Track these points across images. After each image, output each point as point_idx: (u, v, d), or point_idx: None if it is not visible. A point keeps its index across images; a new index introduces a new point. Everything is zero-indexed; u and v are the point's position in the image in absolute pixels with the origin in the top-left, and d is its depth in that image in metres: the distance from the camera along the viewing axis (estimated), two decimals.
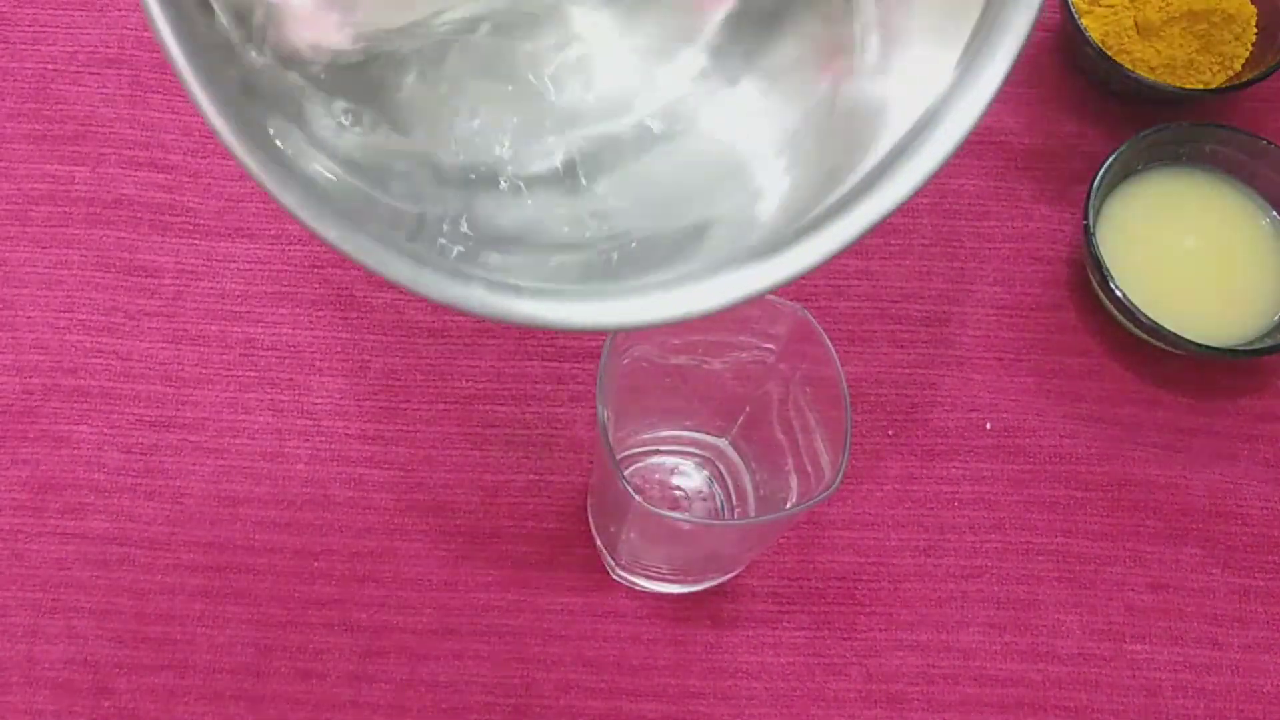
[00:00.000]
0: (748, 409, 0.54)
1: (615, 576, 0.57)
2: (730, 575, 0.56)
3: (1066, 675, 0.56)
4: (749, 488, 0.56)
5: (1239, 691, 0.56)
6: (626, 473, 0.47)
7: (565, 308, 0.35)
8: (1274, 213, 0.61)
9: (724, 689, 0.56)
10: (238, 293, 0.62)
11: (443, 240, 0.37)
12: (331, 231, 0.33)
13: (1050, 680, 0.56)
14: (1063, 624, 0.57)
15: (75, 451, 0.59)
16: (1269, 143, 0.61)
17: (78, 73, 0.66)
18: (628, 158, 0.42)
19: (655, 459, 0.58)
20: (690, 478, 0.58)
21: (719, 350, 0.51)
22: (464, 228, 0.38)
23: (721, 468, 0.57)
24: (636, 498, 0.43)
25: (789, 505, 0.50)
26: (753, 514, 0.55)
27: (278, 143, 0.34)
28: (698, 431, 0.57)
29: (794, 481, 0.51)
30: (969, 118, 0.35)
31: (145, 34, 0.66)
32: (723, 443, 0.56)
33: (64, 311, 0.61)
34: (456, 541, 0.58)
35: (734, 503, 0.56)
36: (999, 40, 0.36)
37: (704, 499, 0.57)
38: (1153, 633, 0.57)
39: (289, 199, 0.32)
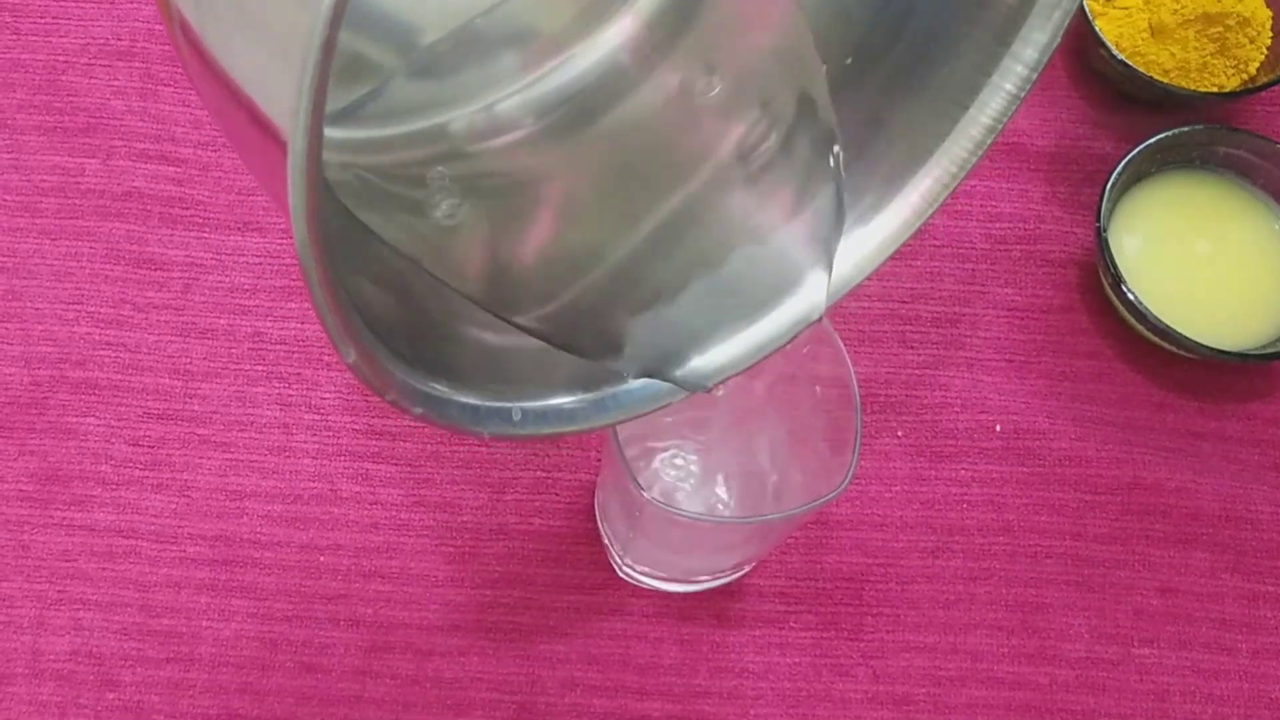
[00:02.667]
0: (758, 406, 0.53)
1: (622, 574, 0.56)
2: (737, 575, 0.56)
3: (1074, 679, 0.56)
4: (758, 486, 0.56)
5: (1247, 697, 0.56)
6: (635, 469, 0.47)
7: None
8: None
9: (730, 688, 0.55)
10: (247, 286, 0.62)
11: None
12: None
13: (1058, 684, 0.56)
14: (1071, 627, 0.57)
15: (82, 443, 0.58)
16: None
17: (89, 65, 0.66)
18: None
19: (664, 455, 0.58)
20: (698, 475, 0.57)
21: None
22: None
23: (731, 465, 0.57)
24: (645, 494, 0.43)
25: (797, 504, 0.50)
26: (761, 513, 0.55)
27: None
28: (707, 428, 0.57)
29: (802, 481, 0.51)
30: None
31: (157, 26, 0.66)
32: (732, 440, 0.56)
33: (73, 303, 0.61)
34: (463, 538, 0.57)
35: (743, 501, 0.56)
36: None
37: (713, 497, 0.57)
38: (1161, 637, 0.57)
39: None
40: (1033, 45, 0.37)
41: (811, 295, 0.40)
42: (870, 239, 0.42)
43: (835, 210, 0.41)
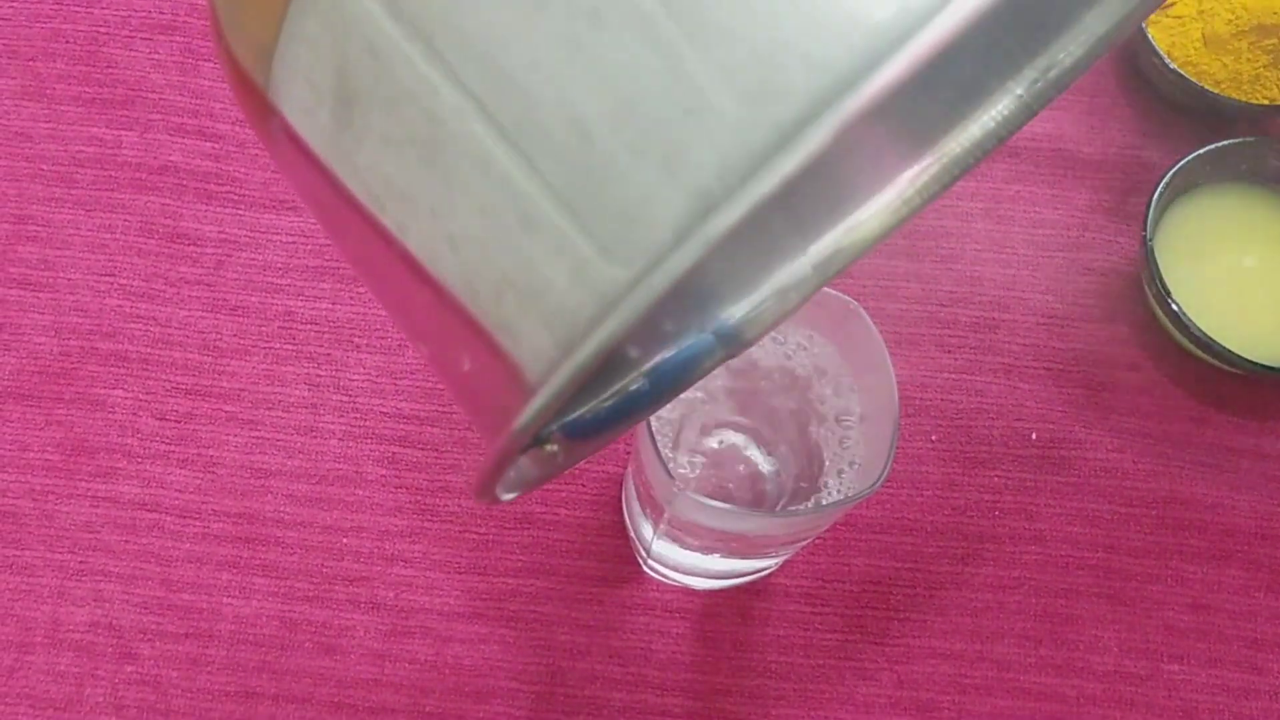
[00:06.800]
0: (793, 403, 0.53)
1: (646, 569, 0.56)
2: (762, 573, 0.55)
3: (1101, 692, 0.55)
4: (788, 483, 0.55)
5: (1277, 718, 0.55)
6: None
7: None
8: None
9: (751, 688, 0.55)
10: (279, 265, 0.61)
11: None
12: None
13: (1085, 696, 0.55)
14: (1100, 640, 0.56)
15: (109, 415, 0.58)
16: None
17: (129, 37, 0.65)
18: None
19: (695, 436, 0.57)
20: (730, 469, 0.57)
21: (767, 340, 0.50)
22: None
23: (762, 462, 0.56)
24: (675, 482, 0.43)
25: (827, 502, 0.49)
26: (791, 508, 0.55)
27: None
28: (740, 420, 0.56)
29: (834, 479, 0.50)
30: None
31: (200, 1, 0.66)
32: (766, 434, 0.56)
33: (105, 275, 0.61)
34: (487, 525, 0.57)
35: (771, 501, 0.56)
36: None
37: (741, 492, 0.56)
38: (1191, 654, 0.56)
39: None
40: (1056, 62, 0.36)
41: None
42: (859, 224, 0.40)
43: None
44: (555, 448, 0.32)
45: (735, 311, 0.40)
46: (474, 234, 0.23)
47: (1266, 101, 0.62)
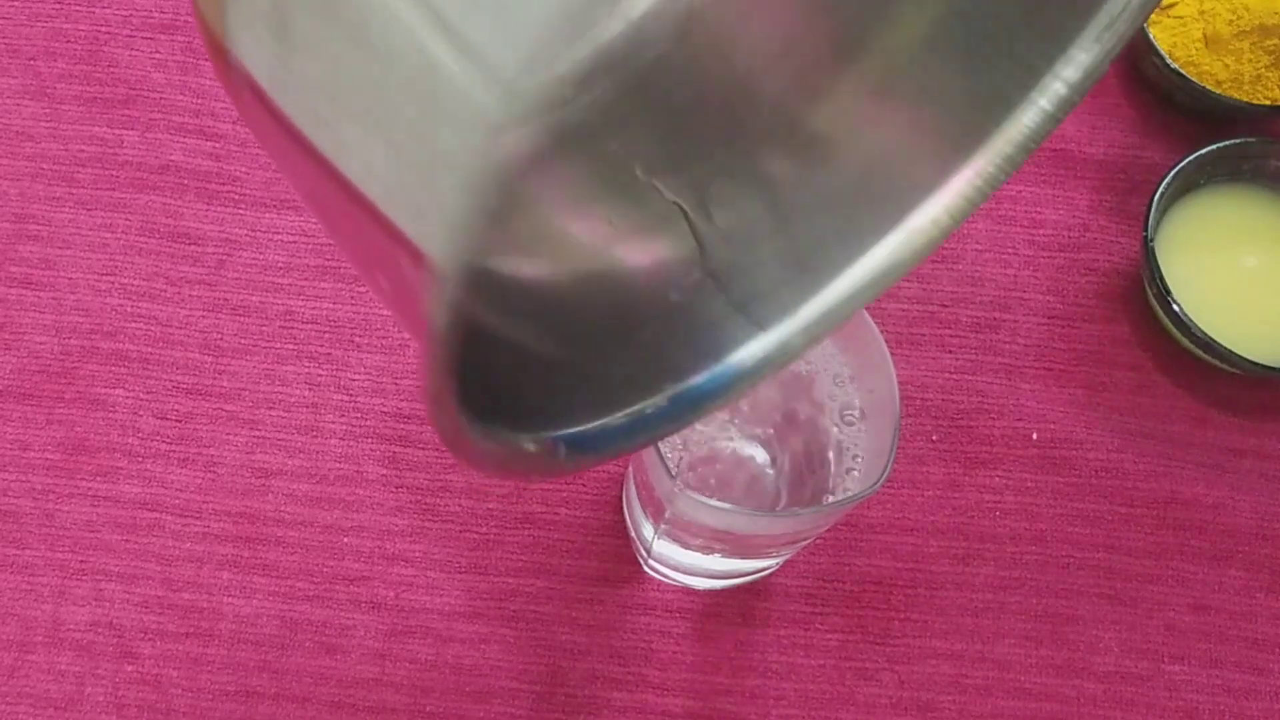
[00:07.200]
0: (793, 402, 0.53)
1: (647, 569, 0.56)
2: (763, 573, 0.55)
3: (1102, 693, 0.55)
4: (789, 483, 0.55)
5: (1278, 719, 0.55)
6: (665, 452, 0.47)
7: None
8: None
9: (752, 688, 0.55)
10: (280, 264, 0.61)
11: None
12: None
13: (1085, 697, 0.55)
14: (1101, 640, 0.56)
15: (110, 415, 0.58)
16: None
17: (130, 37, 0.65)
18: None
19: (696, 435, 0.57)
20: (731, 469, 0.57)
21: None
22: None
23: (763, 462, 0.56)
24: (676, 482, 0.43)
25: (828, 502, 0.49)
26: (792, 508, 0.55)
27: None
28: (741, 420, 0.56)
29: (835, 478, 0.50)
30: None
31: None
32: (766, 434, 0.56)
33: (106, 275, 0.61)
34: (488, 525, 0.57)
35: (772, 501, 0.56)
36: None
37: (742, 491, 0.56)
38: (1192, 654, 0.56)
39: None
40: (1075, 65, 0.36)
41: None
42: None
43: None
44: (562, 450, 0.32)
45: (774, 335, 0.40)
46: (398, 124, 0.23)
47: (1268, 102, 0.62)
